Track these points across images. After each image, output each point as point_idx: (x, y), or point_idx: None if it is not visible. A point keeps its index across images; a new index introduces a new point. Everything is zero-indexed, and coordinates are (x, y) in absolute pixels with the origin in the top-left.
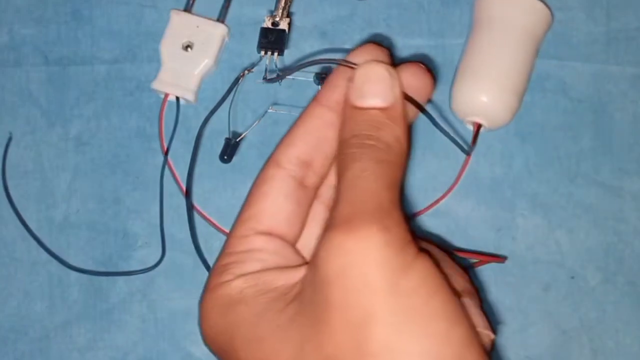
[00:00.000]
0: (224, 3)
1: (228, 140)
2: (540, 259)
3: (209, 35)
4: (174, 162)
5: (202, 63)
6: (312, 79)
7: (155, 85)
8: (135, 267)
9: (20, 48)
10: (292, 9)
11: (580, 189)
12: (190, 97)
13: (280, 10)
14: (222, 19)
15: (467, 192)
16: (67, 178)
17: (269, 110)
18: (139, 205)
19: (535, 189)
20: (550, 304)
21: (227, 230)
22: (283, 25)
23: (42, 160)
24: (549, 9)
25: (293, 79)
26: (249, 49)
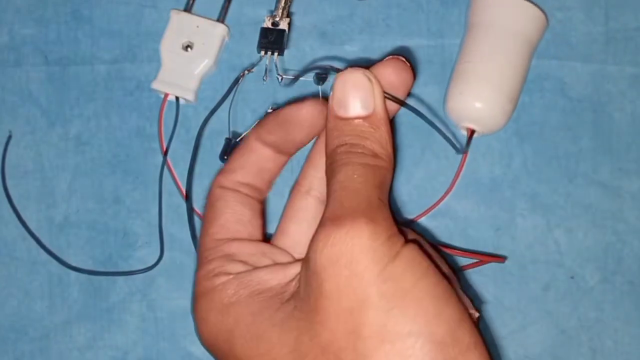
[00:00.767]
0: (224, 3)
1: (228, 140)
2: (539, 259)
3: (209, 35)
4: (174, 162)
5: (202, 63)
6: (312, 79)
7: (155, 85)
8: (135, 266)
9: (21, 48)
10: (292, 9)
11: (579, 189)
12: (190, 97)
13: (280, 10)
14: (222, 19)
15: (466, 192)
16: (67, 178)
17: (269, 110)
18: (139, 205)
19: (535, 189)
20: (549, 304)
21: None
22: (283, 25)
23: (42, 160)
24: (544, 14)
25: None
26: (249, 49)
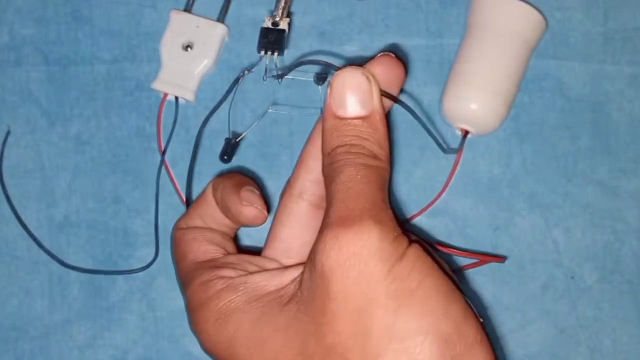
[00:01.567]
0: (224, 3)
1: (228, 140)
2: (538, 258)
3: (209, 35)
4: (174, 161)
5: (202, 63)
6: (312, 79)
7: (156, 85)
8: (135, 266)
9: (21, 48)
10: (292, 9)
11: (578, 188)
12: (190, 97)
13: (280, 10)
14: (222, 19)
15: (465, 191)
16: (67, 177)
17: (269, 110)
18: (139, 205)
19: (533, 188)
20: (548, 303)
21: None
22: (283, 25)
23: (42, 160)
24: (544, 17)
25: (292, 79)
26: (249, 49)
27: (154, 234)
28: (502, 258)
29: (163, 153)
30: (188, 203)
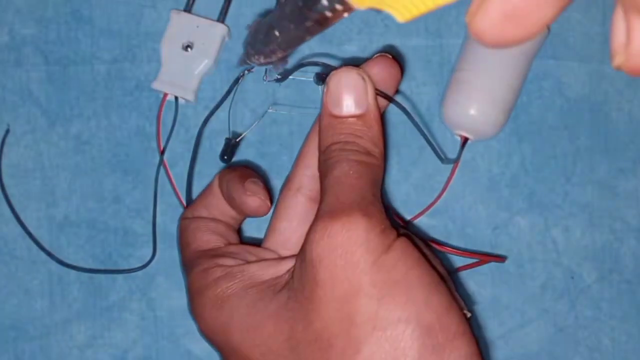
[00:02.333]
0: (224, 3)
1: (228, 140)
2: (537, 258)
3: (209, 35)
4: (174, 161)
5: (202, 63)
6: (312, 79)
7: (156, 85)
8: (135, 265)
9: (21, 48)
10: None
11: (577, 188)
12: (191, 97)
13: None
14: (222, 19)
15: (464, 191)
16: (67, 177)
17: (269, 110)
18: (139, 204)
19: (532, 188)
20: (547, 302)
21: None
22: None
23: (42, 160)
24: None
25: (292, 79)
26: None
27: (152, 233)
28: (502, 258)
29: (162, 153)
30: (188, 203)
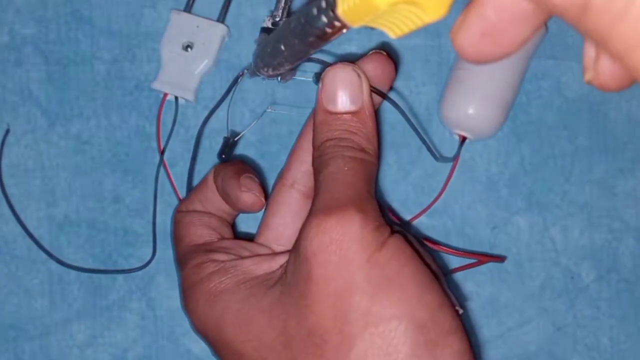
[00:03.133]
0: (224, 3)
1: (227, 139)
2: (536, 257)
3: (209, 35)
4: (173, 161)
5: (202, 63)
6: (311, 79)
7: (156, 85)
8: (135, 265)
9: (21, 48)
10: (292, 9)
11: (576, 188)
12: (191, 97)
13: (280, 11)
14: (222, 19)
15: (463, 190)
16: (67, 177)
17: (268, 110)
18: (139, 204)
19: (531, 188)
20: (546, 301)
21: None
22: None
23: (42, 159)
24: (545, 26)
25: (292, 79)
26: (249, 49)
27: (152, 233)
28: (501, 258)
29: (162, 153)
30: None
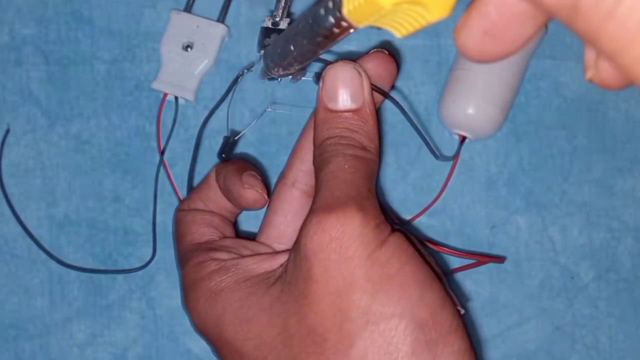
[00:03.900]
0: (224, 3)
1: (226, 139)
2: (535, 256)
3: (209, 35)
4: (173, 160)
5: (202, 63)
6: (311, 79)
7: (156, 85)
8: (135, 265)
9: (21, 48)
10: (292, 9)
11: (574, 187)
12: (191, 97)
13: (280, 10)
14: (222, 19)
15: (462, 190)
16: (67, 176)
17: (268, 110)
18: (138, 204)
19: (530, 187)
20: (545, 301)
21: None
22: (283, 26)
23: (42, 159)
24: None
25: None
26: (248, 49)
27: (152, 233)
28: (500, 259)
29: (162, 153)
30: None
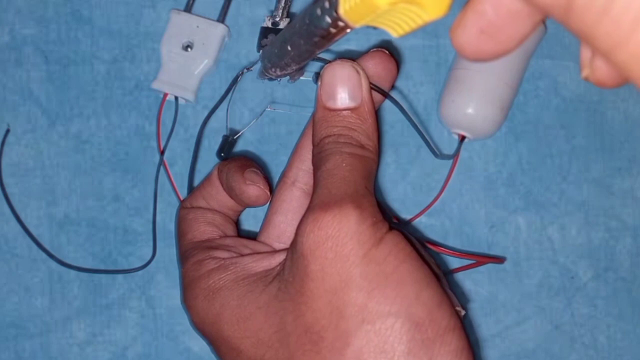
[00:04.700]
0: (224, 3)
1: (226, 138)
2: (534, 256)
3: (209, 35)
4: (173, 160)
5: (202, 63)
6: (310, 78)
7: (156, 85)
8: (135, 264)
9: (21, 48)
10: (292, 9)
11: (573, 187)
12: (191, 97)
13: (280, 10)
14: (222, 19)
15: (461, 190)
16: (67, 176)
17: (267, 109)
18: (138, 203)
19: (529, 187)
20: (543, 300)
21: None
22: (283, 25)
23: (42, 159)
24: (542, 23)
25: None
26: (248, 49)
27: (152, 232)
28: (500, 259)
29: (162, 152)
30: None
